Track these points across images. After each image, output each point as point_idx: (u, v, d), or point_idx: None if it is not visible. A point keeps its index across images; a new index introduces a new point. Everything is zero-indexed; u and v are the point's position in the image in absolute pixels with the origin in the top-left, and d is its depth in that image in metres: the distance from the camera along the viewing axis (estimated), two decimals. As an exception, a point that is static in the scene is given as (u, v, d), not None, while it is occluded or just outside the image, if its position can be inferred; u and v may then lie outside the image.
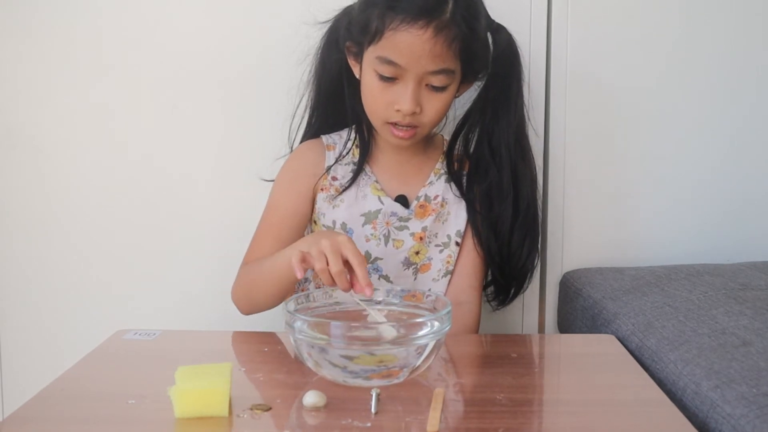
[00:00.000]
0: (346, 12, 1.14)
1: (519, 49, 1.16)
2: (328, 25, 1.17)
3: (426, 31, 1.01)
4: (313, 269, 0.98)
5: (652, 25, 1.34)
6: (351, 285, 0.96)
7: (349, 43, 1.11)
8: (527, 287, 1.25)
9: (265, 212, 1.18)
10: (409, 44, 1.02)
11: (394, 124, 1.08)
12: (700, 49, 1.35)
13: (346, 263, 0.95)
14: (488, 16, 1.12)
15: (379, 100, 1.07)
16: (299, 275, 0.96)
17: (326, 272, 0.95)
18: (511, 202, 1.16)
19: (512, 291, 1.24)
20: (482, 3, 1.09)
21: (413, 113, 1.06)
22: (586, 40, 1.34)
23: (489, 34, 1.13)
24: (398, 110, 1.06)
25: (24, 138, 1.35)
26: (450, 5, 1.02)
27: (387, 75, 1.05)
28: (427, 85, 1.06)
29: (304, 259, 0.96)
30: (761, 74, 1.37)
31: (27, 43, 1.33)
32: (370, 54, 1.06)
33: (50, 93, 1.34)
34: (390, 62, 1.04)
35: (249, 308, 1.14)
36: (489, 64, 1.13)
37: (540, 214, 1.23)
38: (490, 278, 1.24)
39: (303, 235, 1.18)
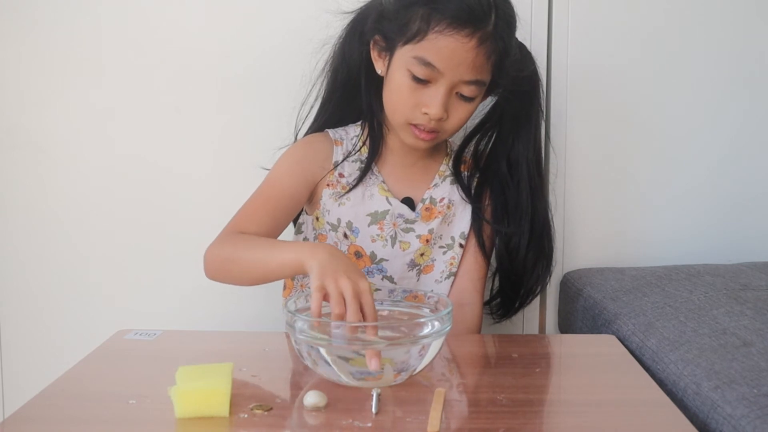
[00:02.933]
0: (376, 4, 1.11)
1: (538, 67, 1.17)
2: (352, 16, 1.14)
3: (471, 40, 1.00)
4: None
5: (653, 25, 1.34)
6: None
7: (377, 37, 1.09)
8: (531, 302, 1.25)
9: (262, 186, 1.14)
10: (452, 50, 1.01)
11: (416, 125, 1.08)
12: (700, 49, 1.36)
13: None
14: (515, 36, 1.10)
15: (407, 101, 1.06)
16: (315, 314, 0.88)
17: (341, 318, 0.88)
18: (529, 220, 1.16)
19: (517, 304, 1.24)
20: (516, 22, 1.07)
21: (439, 119, 1.05)
22: (586, 40, 1.34)
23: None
24: (425, 113, 1.05)
25: (24, 138, 1.35)
26: (493, 17, 1.01)
27: (421, 77, 1.03)
28: (457, 93, 1.05)
29: (324, 296, 0.90)
30: (762, 73, 1.37)
31: (28, 43, 1.33)
32: (406, 53, 1.04)
33: (51, 93, 1.34)
34: (428, 64, 1.02)
35: (218, 277, 1.08)
36: (511, 83, 1.11)
37: (554, 233, 1.22)
38: (496, 291, 1.24)
39: (293, 217, 1.17)
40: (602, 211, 1.38)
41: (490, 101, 1.18)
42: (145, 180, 1.36)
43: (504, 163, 1.17)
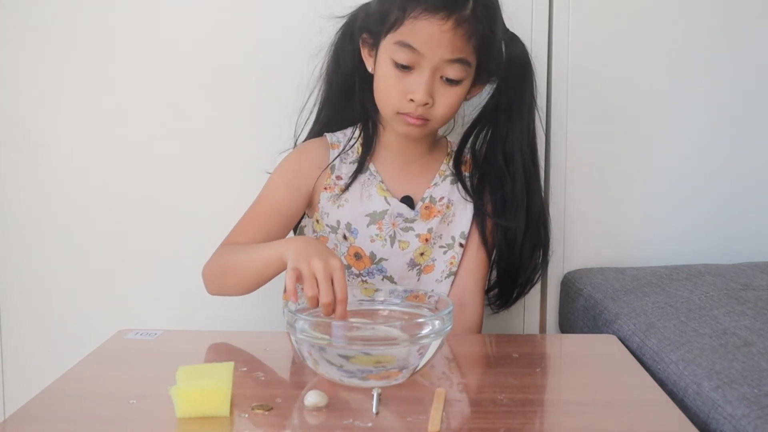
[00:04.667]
0: (363, 7, 1.15)
1: (531, 58, 1.17)
2: (344, 20, 1.17)
3: (447, 22, 1.03)
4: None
5: (653, 23, 1.34)
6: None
7: (365, 35, 1.12)
8: (529, 291, 1.25)
9: (257, 199, 1.17)
10: (429, 32, 1.03)
11: (405, 114, 1.08)
12: (702, 50, 1.35)
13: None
14: (504, 24, 1.13)
15: (393, 89, 1.07)
16: (294, 299, 0.92)
17: (315, 299, 0.91)
18: (525, 211, 1.16)
19: (515, 294, 1.24)
20: (500, 9, 1.10)
21: (425, 104, 1.06)
22: (587, 41, 1.34)
23: (503, 42, 1.14)
24: (411, 100, 1.06)
25: (25, 139, 1.35)
26: (471, 3, 1.03)
27: (403, 63, 1.05)
28: (441, 77, 1.06)
29: (298, 279, 0.94)
30: (762, 75, 1.37)
31: (29, 43, 1.33)
32: (388, 42, 1.06)
33: (51, 94, 1.34)
34: (408, 46, 1.04)
35: (217, 290, 1.13)
36: (502, 69, 1.13)
37: (550, 221, 1.23)
38: (494, 281, 1.24)
39: (289, 230, 1.18)
40: (602, 211, 1.38)
41: (485, 96, 1.18)
42: (145, 180, 1.36)
43: (500, 156, 1.17)
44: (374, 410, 0.80)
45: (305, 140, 1.23)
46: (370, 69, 1.12)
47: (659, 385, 0.90)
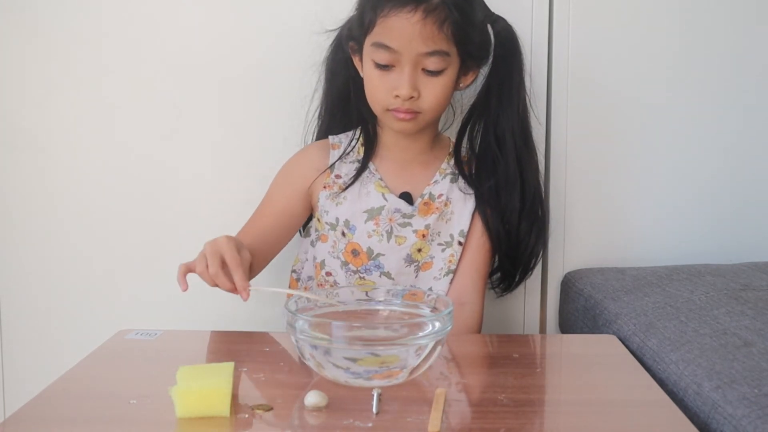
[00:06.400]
0: (350, 18, 1.17)
1: (519, 39, 1.18)
2: (336, 33, 1.21)
3: (415, 14, 1.04)
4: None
5: (653, 22, 1.34)
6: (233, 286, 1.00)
7: (351, 43, 1.15)
8: (531, 274, 1.26)
9: (261, 202, 1.21)
10: (399, 27, 1.05)
11: (395, 110, 1.10)
12: (702, 48, 1.35)
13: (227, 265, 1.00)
14: (486, 8, 1.14)
15: (379, 88, 1.09)
16: (182, 288, 1.01)
17: (206, 274, 1.00)
18: (519, 191, 1.17)
19: (517, 277, 1.25)
20: None
21: (411, 98, 1.08)
22: (587, 39, 1.33)
23: (489, 26, 1.15)
24: (397, 96, 1.08)
25: (26, 138, 1.35)
26: None
27: (382, 62, 1.08)
28: (423, 69, 1.08)
29: (189, 269, 1.02)
30: (763, 74, 1.37)
31: (29, 43, 1.33)
32: (367, 44, 1.09)
33: (52, 93, 1.34)
34: (383, 46, 1.07)
35: None
36: (489, 51, 1.14)
37: (544, 201, 1.24)
38: (496, 265, 1.25)
39: (292, 229, 1.21)
40: (603, 211, 1.38)
41: (479, 85, 1.19)
42: (145, 180, 1.36)
43: (492, 139, 1.18)
44: (374, 410, 0.80)
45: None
46: (361, 74, 1.14)
47: (659, 385, 0.90)
